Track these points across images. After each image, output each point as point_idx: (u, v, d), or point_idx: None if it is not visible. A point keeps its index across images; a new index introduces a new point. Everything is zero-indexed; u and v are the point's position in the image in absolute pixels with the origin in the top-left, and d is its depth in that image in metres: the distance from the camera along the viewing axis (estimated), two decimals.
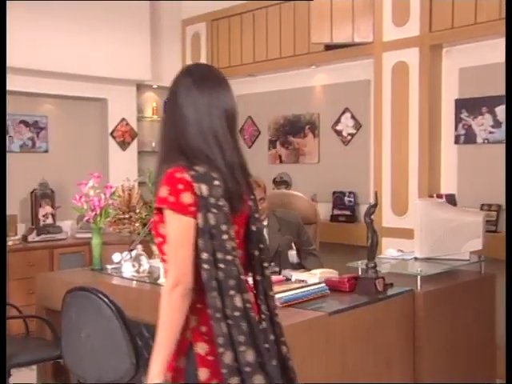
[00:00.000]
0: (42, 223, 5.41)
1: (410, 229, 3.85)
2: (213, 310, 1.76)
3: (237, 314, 1.77)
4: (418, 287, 3.13)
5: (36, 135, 5.75)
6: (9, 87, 5.39)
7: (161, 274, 3.34)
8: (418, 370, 3.07)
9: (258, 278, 1.97)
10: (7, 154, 5.53)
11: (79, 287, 2.38)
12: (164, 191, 1.80)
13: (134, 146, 6.28)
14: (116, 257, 3.78)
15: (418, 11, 4.66)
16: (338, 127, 5.42)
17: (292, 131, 5.77)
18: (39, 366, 3.74)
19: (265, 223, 3.97)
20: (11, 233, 5.27)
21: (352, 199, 5.24)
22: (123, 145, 6.19)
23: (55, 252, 5.23)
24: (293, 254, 3.59)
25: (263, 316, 1.92)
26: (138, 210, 5.97)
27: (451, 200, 4.41)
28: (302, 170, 5.73)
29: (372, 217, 3.08)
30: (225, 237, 1.80)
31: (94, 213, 3.76)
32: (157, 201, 1.83)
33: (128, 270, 3.59)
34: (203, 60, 6.36)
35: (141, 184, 6.34)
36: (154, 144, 6.55)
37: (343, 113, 5.37)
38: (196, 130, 1.87)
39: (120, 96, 6.12)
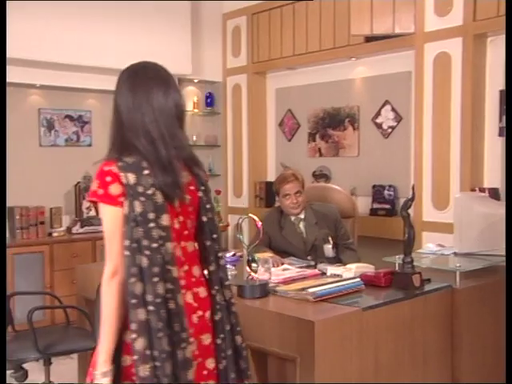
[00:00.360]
0: (85, 215, 5.44)
1: (451, 223, 3.69)
2: (130, 296, 1.78)
3: (158, 300, 1.78)
4: (457, 283, 2.98)
5: (80, 129, 5.78)
6: (54, 83, 5.47)
7: None
8: (456, 368, 2.93)
9: (212, 268, 2.00)
10: (53, 148, 5.62)
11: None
12: (94, 185, 1.87)
13: None
14: None
15: (461, 0, 4.47)
16: (378, 120, 5.26)
17: (331, 124, 5.64)
18: (79, 354, 3.75)
19: (301, 216, 3.88)
20: (56, 224, 5.33)
21: (392, 193, 5.08)
22: None
23: (97, 243, 5.24)
24: (328, 248, 3.48)
25: (218, 306, 1.97)
26: None
27: (494, 194, 4.23)
28: (341, 163, 5.60)
29: (409, 211, 2.94)
30: (151, 225, 1.81)
31: None
32: (89, 195, 1.92)
33: None
34: (243, 54, 6.29)
35: None
36: (194, 138, 6.53)
37: (383, 105, 5.21)
38: (129, 126, 1.92)
39: None
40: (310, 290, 2.64)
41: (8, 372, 3.13)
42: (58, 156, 5.58)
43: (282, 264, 3.49)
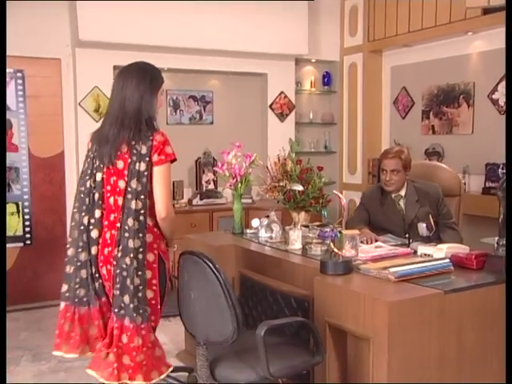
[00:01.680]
0: (204, 188, 5.54)
1: None
2: None
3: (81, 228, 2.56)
4: None
5: (203, 108, 5.87)
6: (179, 66, 5.58)
7: (290, 241, 3.21)
8: None
9: (124, 217, 2.38)
10: (178, 126, 5.76)
11: (189, 251, 2.32)
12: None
13: (291, 117, 6.15)
14: (255, 222, 3.73)
15: None
16: (495, 96, 4.79)
17: (446, 101, 5.23)
18: None
19: (402, 194, 3.65)
20: (178, 196, 5.47)
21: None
22: (281, 116, 6.09)
23: (214, 215, 5.32)
24: (423, 227, 3.23)
25: (124, 248, 2.36)
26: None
27: None
28: (454, 140, 5.19)
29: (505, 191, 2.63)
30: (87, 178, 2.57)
31: (234, 180, 3.72)
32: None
33: (263, 235, 3.51)
34: (360, 33, 6.03)
35: (297, 154, 6.23)
36: (311, 116, 6.39)
37: (500, 81, 4.73)
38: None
39: (279, 70, 6.01)
40: (392, 270, 2.46)
41: None
42: (182, 133, 5.70)
43: (376, 241, 3.31)
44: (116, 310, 2.33)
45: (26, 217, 5.16)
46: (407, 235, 3.48)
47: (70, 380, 3.55)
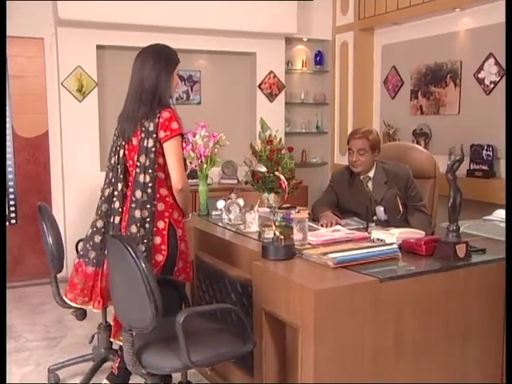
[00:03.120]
0: (189, 169, 5.39)
1: None
2: None
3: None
4: None
5: (190, 88, 5.72)
6: (168, 45, 5.41)
7: (247, 223, 3.07)
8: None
9: (133, 189, 2.58)
10: None
11: (113, 234, 2.20)
12: None
13: (281, 97, 5.95)
14: (220, 204, 3.59)
15: None
16: (481, 75, 4.53)
17: (433, 81, 4.99)
18: None
19: (370, 175, 3.47)
20: None
21: (490, 153, 4.39)
22: (271, 96, 5.90)
23: (196, 195, 5.16)
24: (381, 210, 3.04)
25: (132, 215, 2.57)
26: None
27: None
28: (441, 121, 4.96)
29: (455, 173, 2.44)
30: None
31: (199, 161, 3.59)
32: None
33: (224, 217, 3.38)
34: (351, 10, 5.78)
35: (288, 134, 6.06)
36: (302, 96, 6.19)
37: (487, 59, 4.47)
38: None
39: (268, 49, 5.81)
40: (331, 256, 2.30)
41: None
42: None
43: (337, 224, 3.15)
44: None
45: (11, 196, 5.10)
46: (374, 217, 3.32)
47: (32, 360, 3.49)
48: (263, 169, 3.41)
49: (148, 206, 2.52)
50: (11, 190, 5.08)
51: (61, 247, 3.04)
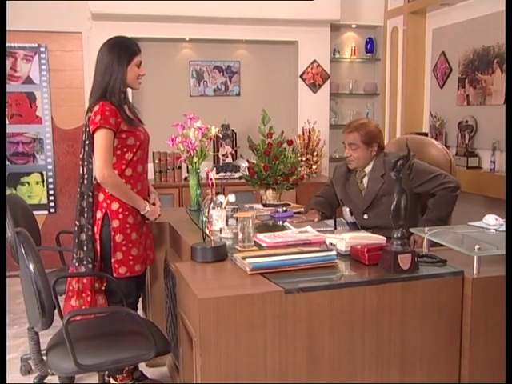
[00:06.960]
0: (221, 162, 5.30)
1: None
2: None
3: None
4: (475, 270, 2.09)
5: (229, 79, 5.61)
6: (202, 36, 5.35)
7: (213, 221, 2.91)
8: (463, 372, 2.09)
9: None
10: (202, 98, 5.56)
11: (18, 229, 2.15)
12: None
13: (325, 88, 5.67)
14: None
15: None
16: None
17: (480, 67, 4.48)
18: None
19: (366, 170, 3.15)
20: None
21: None
22: (313, 87, 5.64)
23: (226, 189, 5.05)
24: (346, 211, 2.75)
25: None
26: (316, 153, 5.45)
27: None
28: (487, 112, 4.44)
29: (400, 172, 2.13)
30: None
31: (188, 154, 3.47)
32: None
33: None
34: None
35: (333, 126, 5.77)
36: (351, 86, 5.85)
37: None
38: None
39: (311, 38, 5.55)
40: (249, 261, 2.09)
41: None
42: (206, 105, 5.50)
43: (318, 221, 2.91)
44: (72, 261, 2.66)
45: (50, 186, 5.30)
46: (365, 216, 3.04)
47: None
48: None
49: (85, 196, 2.62)
50: (50, 179, 5.29)
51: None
